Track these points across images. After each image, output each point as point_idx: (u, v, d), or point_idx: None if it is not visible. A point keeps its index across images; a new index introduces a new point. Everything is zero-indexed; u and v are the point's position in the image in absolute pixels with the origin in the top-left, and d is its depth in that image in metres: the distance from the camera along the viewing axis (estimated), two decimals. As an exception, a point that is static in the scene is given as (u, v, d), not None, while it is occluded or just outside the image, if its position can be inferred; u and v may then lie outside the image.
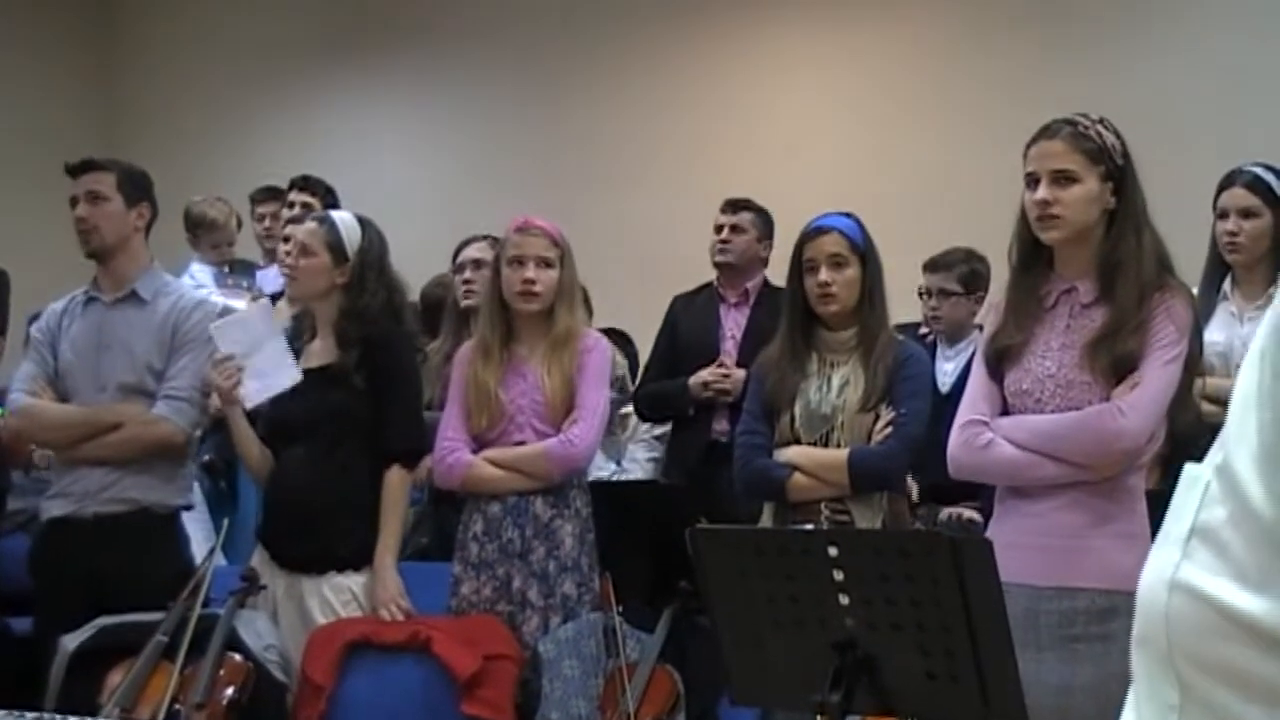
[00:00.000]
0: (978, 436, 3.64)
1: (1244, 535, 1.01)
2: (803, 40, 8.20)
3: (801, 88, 8.14)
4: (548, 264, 4.61)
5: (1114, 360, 3.52)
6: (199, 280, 6.76)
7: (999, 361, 3.68)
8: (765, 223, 5.87)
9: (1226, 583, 1.01)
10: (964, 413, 3.71)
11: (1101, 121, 3.62)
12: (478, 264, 5.46)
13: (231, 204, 7.25)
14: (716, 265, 5.89)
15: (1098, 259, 3.61)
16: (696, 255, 6.04)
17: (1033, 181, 3.61)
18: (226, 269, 6.97)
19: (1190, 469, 1.07)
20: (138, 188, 4.92)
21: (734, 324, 5.77)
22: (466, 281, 5.52)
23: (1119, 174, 3.59)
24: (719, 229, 5.90)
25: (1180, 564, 1.04)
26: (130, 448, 4.76)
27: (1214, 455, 1.06)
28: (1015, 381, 3.65)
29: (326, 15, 9.51)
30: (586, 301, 5.44)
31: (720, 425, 5.53)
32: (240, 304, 6.37)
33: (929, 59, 7.75)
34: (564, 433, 4.56)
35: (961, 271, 5.56)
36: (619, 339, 5.60)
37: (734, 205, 5.94)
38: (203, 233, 7.07)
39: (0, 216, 7.40)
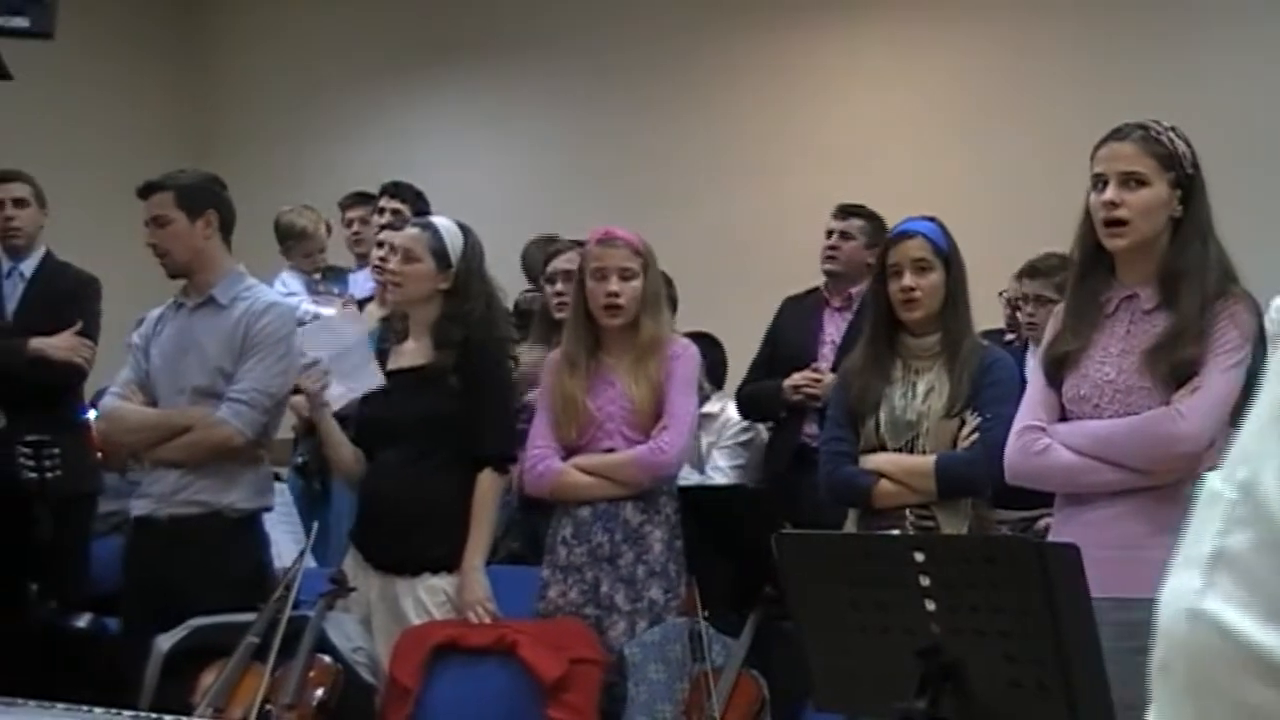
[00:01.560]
0: (1035, 442, 3.61)
1: (1273, 563, 0.95)
2: (885, 42, 8.17)
3: (884, 90, 8.10)
4: (630, 275, 4.62)
5: (1174, 366, 3.48)
6: (290, 288, 6.83)
7: (1057, 368, 3.64)
8: (875, 230, 5.80)
9: (1253, 617, 0.95)
10: (1021, 419, 3.67)
11: (1173, 129, 3.58)
12: (568, 275, 5.48)
13: (319, 211, 7.32)
14: (824, 271, 5.90)
15: (1161, 266, 3.56)
16: (780, 258, 6.04)
17: (1100, 183, 3.56)
18: (317, 276, 7.04)
19: (1211, 482, 1.00)
20: (198, 199, 4.97)
21: (835, 329, 5.76)
22: (559, 293, 5.53)
23: (1188, 182, 3.55)
24: (829, 234, 5.91)
25: (1202, 591, 0.97)
26: (195, 451, 4.82)
27: (1233, 469, 0.99)
28: (1073, 388, 3.61)
29: (413, 23, 9.58)
30: (672, 301, 5.44)
31: (810, 429, 5.54)
32: (331, 310, 6.45)
33: (1016, 60, 7.70)
34: (654, 440, 4.58)
35: (1060, 279, 5.51)
36: (705, 342, 5.61)
37: (845, 211, 5.93)
38: (293, 242, 7.14)
39: (93, 224, 7.48)
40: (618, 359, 4.66)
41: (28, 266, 6.06)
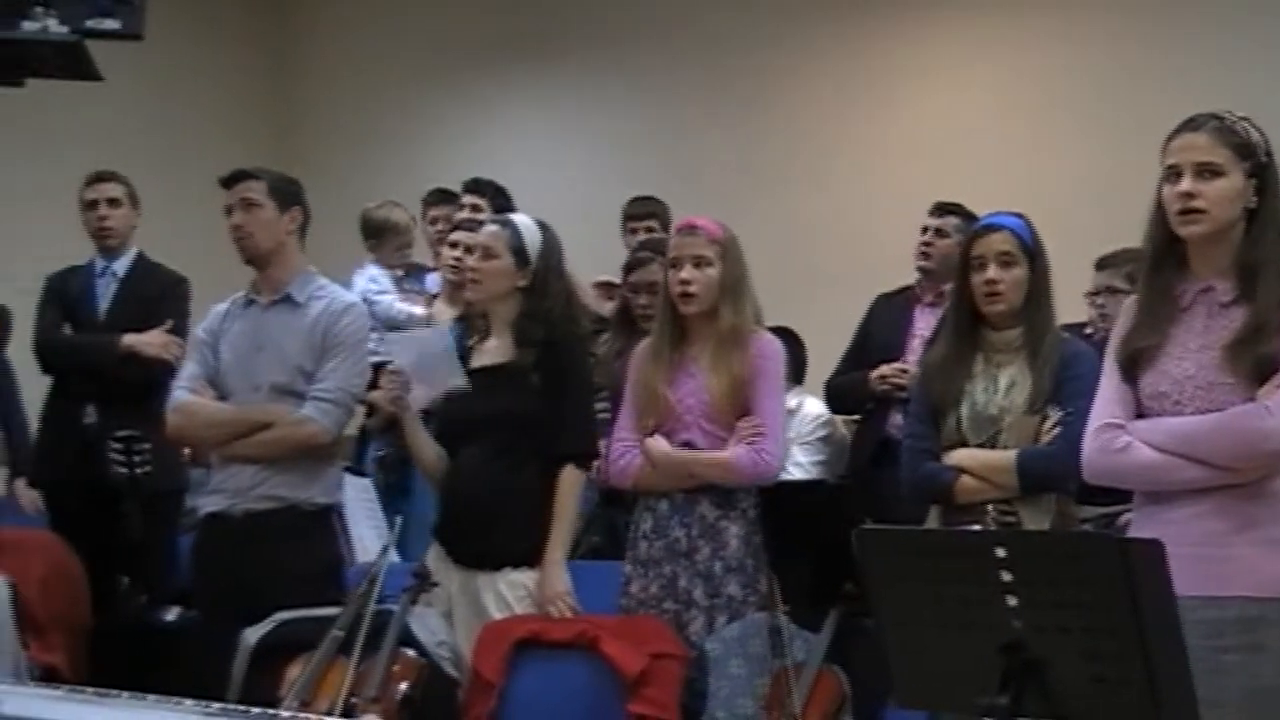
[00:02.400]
0: (1114, 440, 3.55)
1: None
2: (972, 38, 8.14)
3: (971, 85, 8.08)
4: (705, 263, 4.61)
5: (1257, 361, 3.42)
6: (381, 285, 6.86)
7: (1133, 364, 3.58)
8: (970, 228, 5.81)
9: None
10: (1097, 416, 3.62)
11: (1246, 118, 3.53)
12: (651, 286, 5.45)
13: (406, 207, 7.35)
14: (918, 268, 5.90)
15: (1236, 258, 3.50)
16: (860, 254, 6.03)
17: (1173, 175, 3.50)
18: (401, 273, 7.08)
19: None
20: (288, 194, 5.03)
21: (926, 325, 5.75)
22: (643, 306, 5.53)
23: (1262, 172, 3.50)
24: (924, 230, 5.90)
25: None
26: (278, 447, 4.86)
27: None
28: (1151, 384, 3.54)
29: (494, 21, 9.62)
30: None
31: (897, 420, 5.55)
32: (417, 309, 6.50)
33: (1101, 57, 7.65)
34: (753, 446, 4.54)
35: (1130, 269, 5.47)
36: (786, 338, 5.61)
37: (941, 209, 5.94)
38: (388, 236, 7.14)
39: (178, 220, 7.57)
40: (701, 349, 4.66)
41: (120, 266, 6.15)
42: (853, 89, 8.35)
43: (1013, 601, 2.69)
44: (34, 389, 6.25)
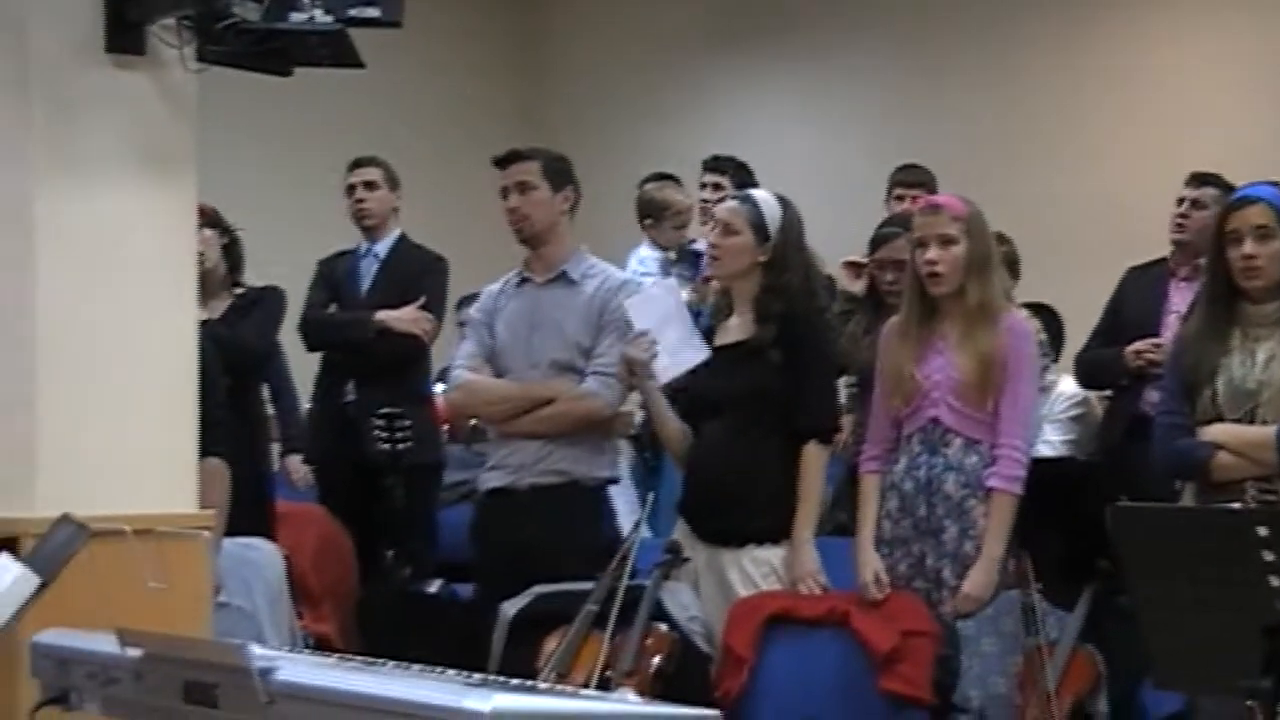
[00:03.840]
0: None
1: None
2: (1212, 4, 7.94)
3: (1228, 52, 7.86)
4: (950, 241, 4.57)
5: None
6: (646, 268, 6.92)
7: None
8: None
9: None
10: None
11: None
12: (898, 264, 5.43)
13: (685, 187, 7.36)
14: (1172, 241, 5.77)
15: None
16: (1114, 227, 5.92)
17: None
18: (673, 255, 7.11)
19: None
20: (561, 173, 5.13)
21: (1181, 300, 5.59)
22: (890, 282, 5.52)
23: None
24: (1179, 202, 5.77)
25: None
26: (561, 422, 4.97)
27: None
28: None
29: (734, 1, 9.67)
30: (1012, 264, 5.37)
31: (1152, 396, 5.42)
32: (684, 294, 6.54)
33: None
34: (1003, 456, 4.50)
35: None
36: (1044, 314, 5.54)
37: (1199, 179, 5.79)
38: (665, 216, 7.16)
39: (434, 202, 7.77)
40: (949, 327, 4.62)
41: (382, 248, 6.33)
42: (1106, 57, 8.18)
43: (1275, 582, 2.64)
44: (308, 368, 6.47)
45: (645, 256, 7.08)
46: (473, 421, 6.29)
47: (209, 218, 5.43)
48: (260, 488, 5.54)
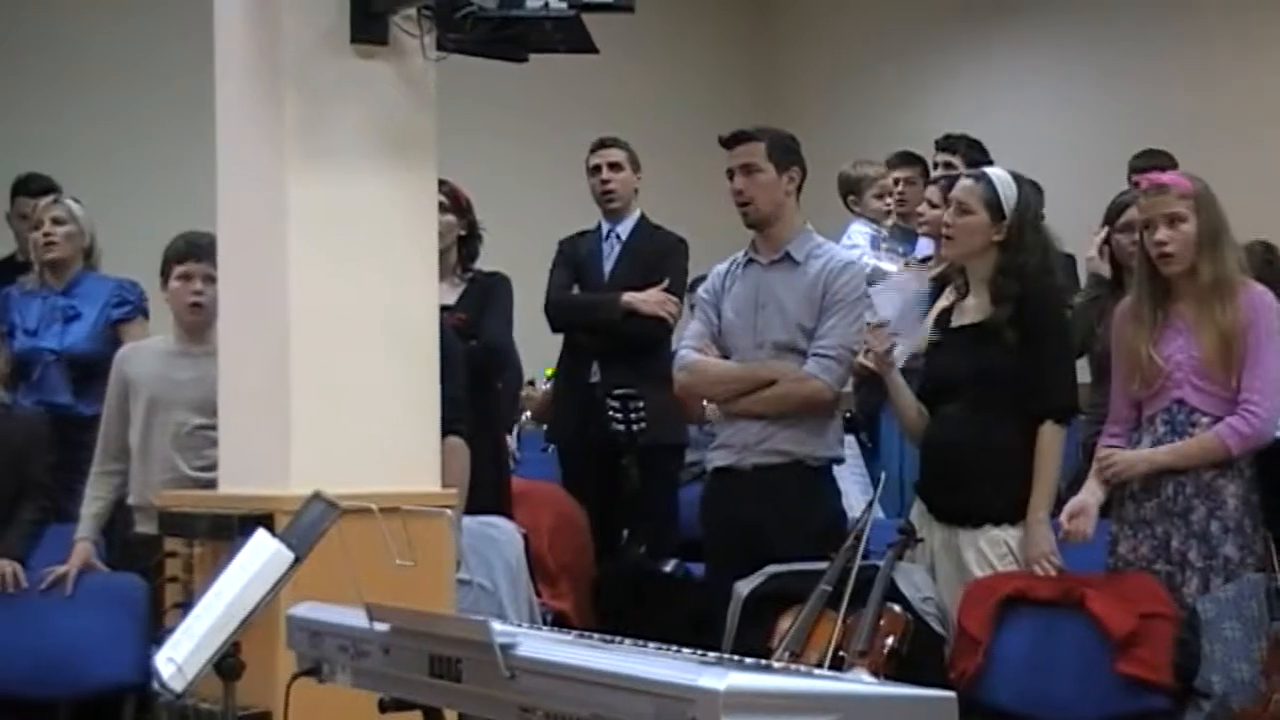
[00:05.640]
0: None
1: None
2: None
3: None
4: (1179, 220, 4.48)
5: None
6: (854, 242, 6.93)
7: None
8: None
9: None
10: None
11: None
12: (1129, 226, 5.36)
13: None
14: None
15: None
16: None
17: None
18: (884, 233, 7.10)
19: None
20: (787, 153, 5.13)
21: None
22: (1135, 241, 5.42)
23: None
24: None
25: None
26: (783, 403, 4.99)
27: None
28: None
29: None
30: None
31: None
32: (893, 267, 6.53)
33: None
34: (1241, 411, 4.42)
35: None
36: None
37: None
38: (865, 186, 7.16)
39: (668, 183, 7.83)
40: (1186, 306, 4.53)
41: (623, 229, 6.38)
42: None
43: None
44: (548, 348, 6.57)
45: (854, 230, 7.06)
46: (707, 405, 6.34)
47: (458, 204, 5.54)
48: (498, 466, 5.65)
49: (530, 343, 6.46)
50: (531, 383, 7.35)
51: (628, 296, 6.12)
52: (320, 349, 4.27)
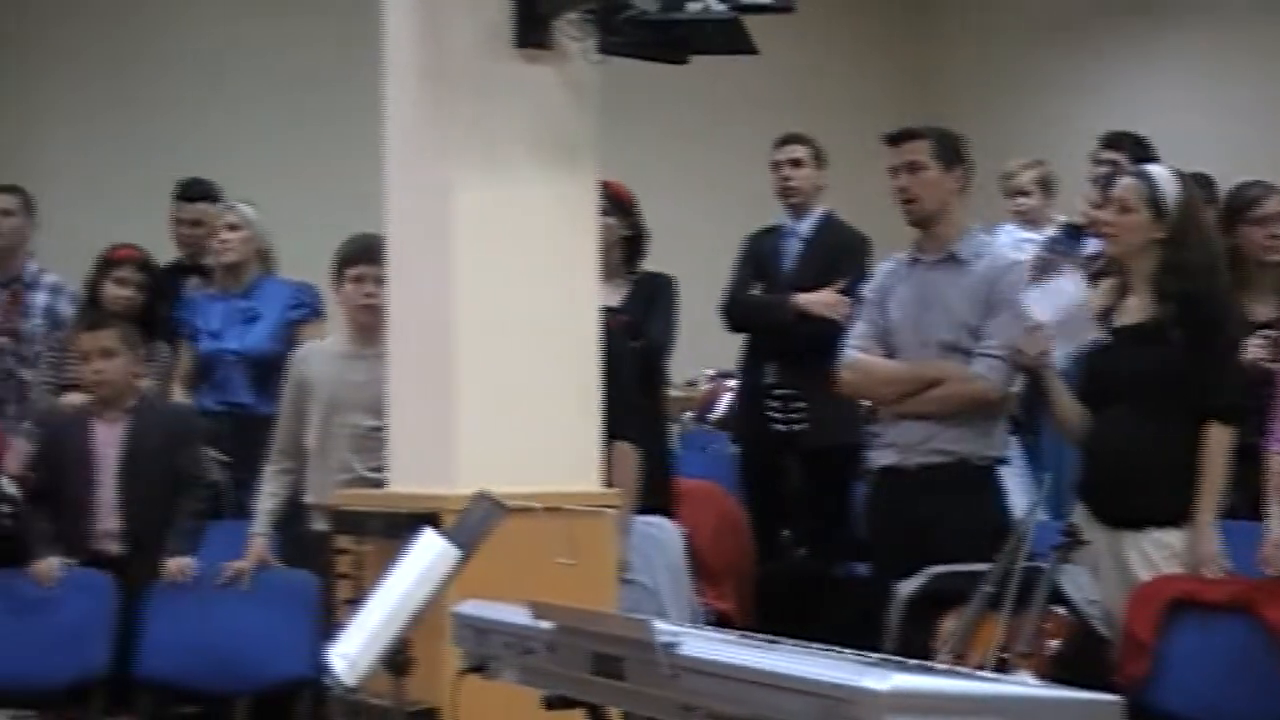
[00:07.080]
0: None
1: None
2: None
3: None
4: None
5: None
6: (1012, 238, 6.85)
7: None
8: None
9: None
10: None
11: None
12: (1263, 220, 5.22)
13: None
14: None
15: None
16: None
17: None
18: (1051, 233, 7.00)
19: None
20: (953, 152, 5.10)
21: None
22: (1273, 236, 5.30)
23: None
24: None
25: None
26: (949, 404, 4.96)
27: None
28: None
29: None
30: None
31: None
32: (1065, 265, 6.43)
33: None
34: None
35: None
36: None
37: None
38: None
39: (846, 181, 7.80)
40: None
41: (805, 226, 6.31)
42: None
43: None
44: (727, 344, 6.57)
45: (1005, 230, 6.98)
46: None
47: (621, 206, 5.56)
48: (663, 465, 5.67)
49: (697, 343, 6.47)
50: (694, 383, 7.37)
51: (799, 298, 6.08)
52: (485, 350, 4.32)
